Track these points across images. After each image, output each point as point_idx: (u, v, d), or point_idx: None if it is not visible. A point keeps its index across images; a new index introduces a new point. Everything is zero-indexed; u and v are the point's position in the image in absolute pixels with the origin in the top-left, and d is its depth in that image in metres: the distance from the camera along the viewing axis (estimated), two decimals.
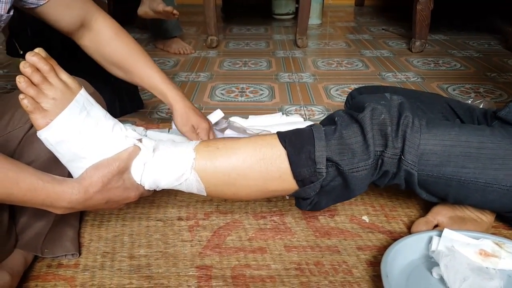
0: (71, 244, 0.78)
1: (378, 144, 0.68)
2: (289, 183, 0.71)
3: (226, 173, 0.71)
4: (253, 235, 0.84)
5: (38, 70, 0.61)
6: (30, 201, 0.61)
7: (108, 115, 0.69)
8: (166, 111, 1.44)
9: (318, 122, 0.77)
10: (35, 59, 0.60)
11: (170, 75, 1.82)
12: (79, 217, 0.86)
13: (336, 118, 0.72)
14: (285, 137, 0.72)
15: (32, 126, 0.74)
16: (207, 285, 0.71)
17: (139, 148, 0.69)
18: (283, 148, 0.71)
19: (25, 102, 0.60)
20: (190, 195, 0.96)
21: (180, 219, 0.89)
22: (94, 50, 0.94)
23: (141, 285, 0.72)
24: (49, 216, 0.78)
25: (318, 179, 0.69)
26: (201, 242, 0.82)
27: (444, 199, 0.75)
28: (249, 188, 0.73)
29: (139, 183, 0.70)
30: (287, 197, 0.86)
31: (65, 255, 0.77)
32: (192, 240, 0.82)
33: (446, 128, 0.70)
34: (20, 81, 0.59)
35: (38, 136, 0.64)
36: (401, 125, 0.68)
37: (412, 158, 0.68)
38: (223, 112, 1.21)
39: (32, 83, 0.60)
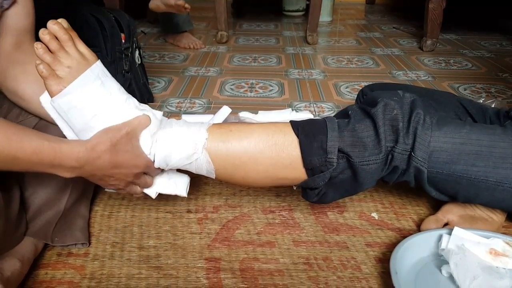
0: (81, 233, 0.79)
1: (389, 139, 0.68)
2: (298, 172, 0.71)
3: (237, 156, 0.71)
4: (262, 229, 0.84)
5: (56, 38, 0.61)
6: (37, 164, 0.60)
7: (122, 89, 0.69)
8: (176, 104, 1.45)
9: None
10: (56, 28, 0.61)
11: (180, 69, 1.82)
12: (89, 207, 0.86)
13: (349, 112, 0.73)
14: (298, 126, 0.72)
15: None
16: (215, 277, 0.72)
17: (149, 119, 0.68)
18: (295, 136, 0.71)
19: (40, 67, 0.60)
20: (199, 188, 0.96)
21: (189, 211, 0.89)
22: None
23: (150, 275, 0.72)
24: (60, 205, 0.78)
25: (328, 168, 0.69)
26: (209, 235, 0.82)
27: (454, 198, 0.75)
28: (259, 173, 0.72)
29: (147, 154, 0.69)
30: (295, 188, 0.85)
31: (75, 244, 0.78)
32: (201, 232, 0.83)
33: (457, 126, 0.70)
34: (38, 47, 0.60)
35: (51, 103, 0.64)
36: (412, 122, 0.68)
37: (422, 155, 0.68)
38: (233, 107, 1.21)
39: (49, 50, 0.61)
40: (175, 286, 0.70)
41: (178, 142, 0.70)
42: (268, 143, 0.70)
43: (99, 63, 0.66)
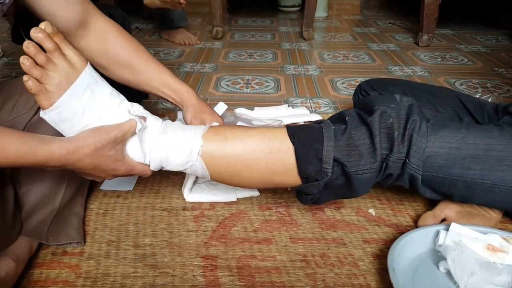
0: (76, 232, 0.78)
1: (384, 147, 0.69)
2: (293, 179, 0.72)
3: (233, 164, 0.71)
4: (259, 226, 0.84)
5: (42, 49, 0.59)
6: (20, 164, 0.60)
7: (115, 92, 0.68)
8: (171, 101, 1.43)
9: (327, 118, 0.77)
10: (40, 36, 0.59)
11: (175, 65, 1.81)
12: (84, 205, 0.85)
13: (346, 118, 0.72)
14: (294, 133, 0.71)
15: (35, 113, 0.74)
16: (212, 275, 0.71)
17: (141, 125, 0.68)
18: (291, 144, 0.70)
19: (29, 84, 0.59)
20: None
21: (185, 209, 0.88)
22: (98, 51, 0.85)
23: (146, 273, 0.71)
24: (54, 203, 0.78)
25: (323, 178, 0.69)
26: (206, 233, 0.81)
27: (449, 198, 0.75)
28: (253, 179, 0.73)
29: (132, 157, 0.69)
30: (289, 189, 0.85)
31: (70, 243, 0.77)
32: (198, 230, 0.82)
33: (453, 130, 0.70)
34: (24, 63, 0.58)
35: (41, 115, 0.63)
36: (408, 129, 0.68)
37: (417, 162, 0.68)
38: (229, 104, 1.20)
39: (37, 63, 0.59)
40: (172, 285, 0.69)
41: (173, 150, 0.69)
42: (263, 151, 0.70)
43: (88, 69, 0.64)
